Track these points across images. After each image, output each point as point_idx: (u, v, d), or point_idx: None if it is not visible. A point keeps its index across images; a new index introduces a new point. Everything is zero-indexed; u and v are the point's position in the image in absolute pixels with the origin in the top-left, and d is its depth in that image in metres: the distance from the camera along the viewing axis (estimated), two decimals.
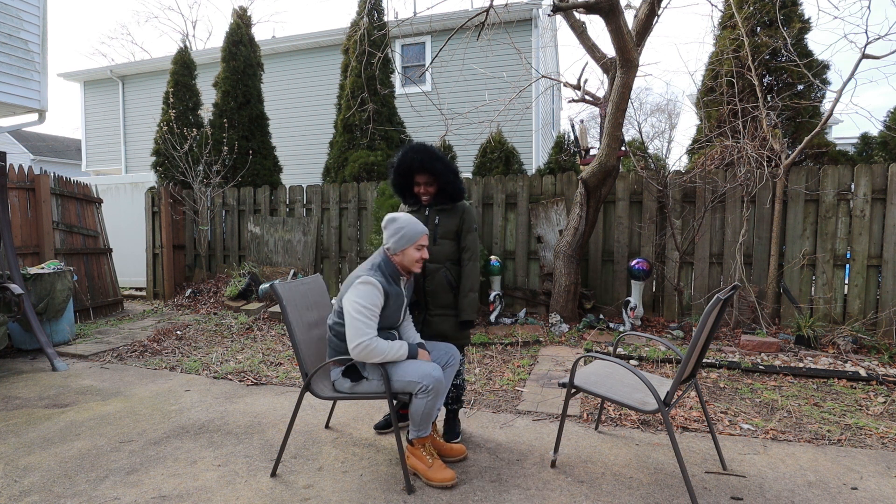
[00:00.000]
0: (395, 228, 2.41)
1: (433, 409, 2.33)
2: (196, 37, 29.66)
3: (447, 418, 2.82)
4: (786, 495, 2.26)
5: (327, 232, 6.86)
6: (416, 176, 2.68)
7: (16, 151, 17.41)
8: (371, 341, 2.24)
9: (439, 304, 2.68)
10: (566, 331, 5.11)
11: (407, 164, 2.66)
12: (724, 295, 2.13)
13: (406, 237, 2.38)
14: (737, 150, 5.23)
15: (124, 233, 8.16)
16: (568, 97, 6.12)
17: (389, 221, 2.44)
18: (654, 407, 2.16)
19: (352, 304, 2.28)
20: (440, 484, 2.32)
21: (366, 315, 2.27)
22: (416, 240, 2.40)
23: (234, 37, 8.16)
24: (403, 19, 5.79)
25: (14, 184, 5.46)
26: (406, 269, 2.46)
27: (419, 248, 2.42)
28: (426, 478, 2.36)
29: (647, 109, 20.79)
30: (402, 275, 2.47)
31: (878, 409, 3.24)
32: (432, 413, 2.35)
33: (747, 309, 5.01)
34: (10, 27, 5.91)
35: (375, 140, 7.55)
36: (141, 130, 13.55)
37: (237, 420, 3.15)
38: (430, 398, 2.28)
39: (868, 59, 4.60)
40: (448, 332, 2.68)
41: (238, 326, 5.62)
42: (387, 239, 2.44)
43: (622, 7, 3.91)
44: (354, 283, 2.32)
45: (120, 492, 2.32)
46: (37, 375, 4.12)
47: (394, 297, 2.38)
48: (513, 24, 9.65)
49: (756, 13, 6.09)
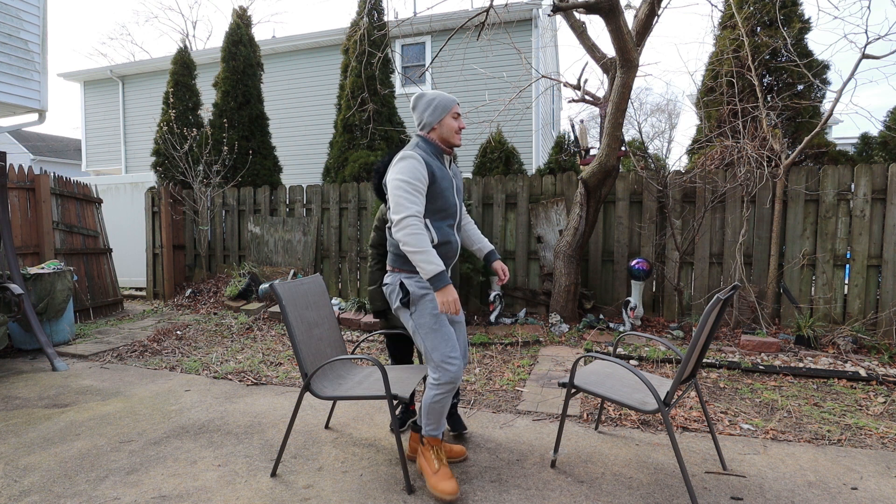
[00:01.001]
0: (426, 102, 2.25)
1: (445, 404, 2.25)
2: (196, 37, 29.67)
3: (450, 413, 2.87)
4: (786, 495, 2.26)
5: (327, 232, 6.86)
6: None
7: (16, 151, 17.42)
8: (413, 220, 2.06)
9: None
10: (566, 331, 5.11)
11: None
12: (724, 295, 2.13)
13: (440, 106, 2.25)
14: (737, 150, 5.23)
15: (124, 233, 8.16)
16: (568, 97, 6.12)
17: (417, 99, 2.28)
18: (654, 407, 2.16)
19: (392, 182, 2.10)
20: (440, 495, 2.20)
21: (407, 190, 2.08)
22: (450, 107, 2.26)
23: (233, 37, 8.16)
24: (403, 19, 5.79)
25: (14, 184, 5.46)
26: (447, 143, 2.29)
27: (455, 116, 2.28)
28: (429, 484, 2.30)
29: (647, 109, 20.80)
30: (445, 151, 2.31)
31: (878, 409, 3.24)
32: (443, 410, 2.27)
33: (747, 309, 5.01)
34: (10, 27, 5.91)
35: (375, 140, 7.55)
36: (141, 130, 13.55)
37: (237, 420, 3.15)
38: (443, 393, 2.20)
39: (868, 59, 4.60)
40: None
41: (238, 326, 5.62)
42: (420, 118, 2.28)
43: (622, 7, 3.92)
44: (393, 163, 2.18)
45: (120, 492, 2.32)
46: (37, 375, 4.12)
47: (440, 173, 2.21)
48: (513, 24, 9.65)
49: (756, 13, 6.09)
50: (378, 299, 2.95)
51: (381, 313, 2.97)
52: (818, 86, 5.91)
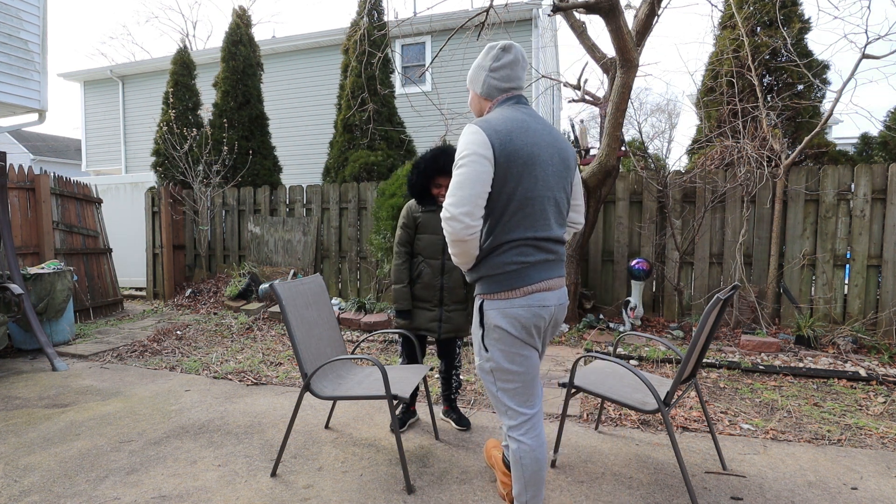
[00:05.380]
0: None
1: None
2: (196, 37, 29.68)
3: (451, 406, 3.05)
4: (786, 495, 2.26)
5: (327, 232, 6.86)
6: (440, 178, 2.69)
7: (16, 151, 17.41)
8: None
9: (454, 300, 2.84)
10: (566, 331, 5.10)
11: (437, 166, 2.66)
12: (724, 295, 2.13)
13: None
14: (737, 150, 5.23)
15: (124, 233, 8.16)
16: (568, 97, 6.12)
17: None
18: (654, 407, 2.16)
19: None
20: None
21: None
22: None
23: (233, 37, 8.16)
24: (403, 19, 5.79)
25: (14, 184, 5.46)
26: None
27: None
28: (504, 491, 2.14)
29: (647, 109, 20.78)
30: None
31: (878, 409, 3.24)
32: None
33: (747, 309, 5.01)
34: (10, 27, 5.91)
35: (375, 140, 7.55)
36: (141, 130, 13.54)
37: (237, 420, 3.15)
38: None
39: (868, 59, 4.61)
40: (462, 325, 2.86)
41: (238, 326, 5.62)
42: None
43: (622, 7, 3.91)
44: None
45: (120, 492, 2.32)
46: (37, 375, 4.12)
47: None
48: (513, 24, 9.65)
49: (756, 13, 6.09)
50: (404, 298, 2.87)
51: (406, 313, 2.88)
52: (818, 86, 5.91)
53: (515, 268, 1.67)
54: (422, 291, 2.84)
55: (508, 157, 1.63)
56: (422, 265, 2.83)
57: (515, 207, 1.66)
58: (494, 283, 1.70)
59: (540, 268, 1.70)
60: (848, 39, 4.91)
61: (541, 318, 1.70)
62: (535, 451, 1.73)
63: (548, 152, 1.71)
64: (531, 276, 1.68)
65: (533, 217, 1.68)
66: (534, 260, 1.69)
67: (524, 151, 1.65)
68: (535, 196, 1.67)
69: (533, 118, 1.74)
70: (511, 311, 1.67)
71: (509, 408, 1.76)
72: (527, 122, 1.70)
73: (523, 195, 1.66)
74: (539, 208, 1.69)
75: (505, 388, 1.75)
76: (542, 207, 1.69)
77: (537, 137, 1.69)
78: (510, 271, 1.67)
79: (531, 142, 1.67)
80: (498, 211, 1.67)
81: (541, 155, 1.68)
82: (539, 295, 1.69)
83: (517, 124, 1.68)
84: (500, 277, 1.69)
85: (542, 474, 1.75)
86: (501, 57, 1.78)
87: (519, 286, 1.67)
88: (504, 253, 1.68)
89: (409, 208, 2.87)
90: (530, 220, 1.68)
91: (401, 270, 2.87)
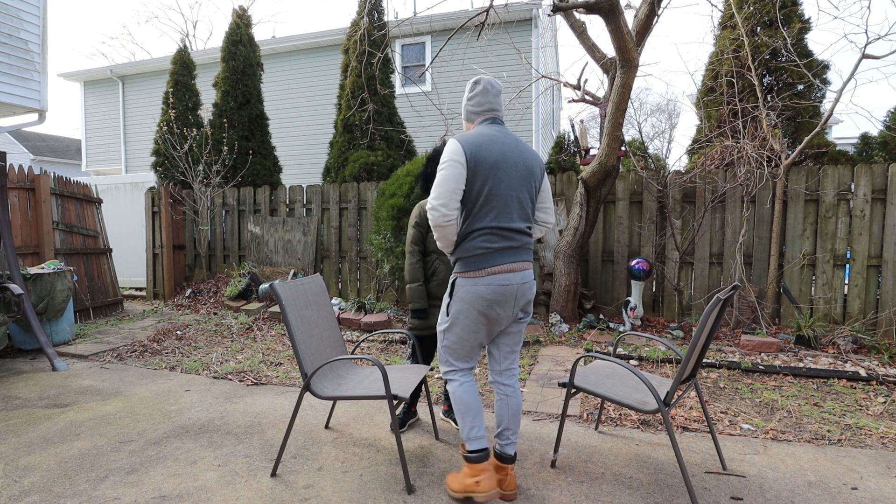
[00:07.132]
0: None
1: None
2: (196, 37, 29.63)
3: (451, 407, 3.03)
4: (786, 495, 2.26)
5: (327, 232, 6.86)
6: None
7: (16, 151, 17.42)
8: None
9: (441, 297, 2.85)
10: (566, 331, 5.11)
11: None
12: (724, 295, 2.13)
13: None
14: (737, 150, 5.23)
15: (124, 233, 8.16)
16: (568, 97, 6.12)
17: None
18: (654, 407, 2.16)
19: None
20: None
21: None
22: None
23: (233, 37, 8.16)
24: (403, 19, 5.78)
25: (14, 184, 5.46)
26: None
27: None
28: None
29: (647, 109, 20.75)
30: None
31: (878, 409, 3.24)
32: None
33: (747, 309, 5.01)
34: (10, 27, 5.91)
35: (375, 140, 7.55)
36: (141, 130, 13.54)
37: (237, 420, 3.15)
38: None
39: (868, 59, 4.61)
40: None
41: (238, 326, 5.62)
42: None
43: (622, 7, 3.92)
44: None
45: (120, 492, 2.32)
46: (37, 375, 4.12)
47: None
48: (513, 24, 9.65)
49: (756, 13, 6.09)
50: (420, 296, 2.86)
51: (422, 312, 2.86)
52: (818, 86, 5.91)
53: (482, 252, 2.06)
54: (438, 289, 2.84)
55: (477, 162, 2.04)
56: (436, 262, 2.84)
57: (483, 201, 2.05)
58: (466, 264, 2.10)
59: (504, 253, 2.08)
60: (848, 39, 4.90)
61: (502, 295, 2.07)
62: (458, 391, 2.19)
63: (512, 160, 2.10)
64: (494, 259, 2.06)
65: (497, 210, 2.07)
66: (497, 246, 2.07)
67: (491, 158, 2.05)
68: (500, 193, 2.06)
69: (504, 134, 2.16)
70: (475, 289, 2.06)
71: (447, 360, 2.24)
72: (496, 137, 2.12)
73: (489, 192, 2.05)
74: (503, 203, 2.07)
75: (448, 346, 2.20)
76: (506, 203, 2.08)
77: (504, 148, 2.10)
78: (478, 255, 2.06)
79: (497, 151, 2.08)
80: (470, 204, 2.07)
81: (505, 162, 2.08)
82: (501, 276, 2.07)
83: (486, 138, 2.09)
84: (470, 259, 2.08)
85: (468, 407, 2.16)
86: (474, 88, 2.25)
87: (484, 267, 2.06)
88: (474, 239, 2.07)
89: (420, 207, 2.88)
90: (495, 213, 2.07)
91: (415, 269, 2.87)
